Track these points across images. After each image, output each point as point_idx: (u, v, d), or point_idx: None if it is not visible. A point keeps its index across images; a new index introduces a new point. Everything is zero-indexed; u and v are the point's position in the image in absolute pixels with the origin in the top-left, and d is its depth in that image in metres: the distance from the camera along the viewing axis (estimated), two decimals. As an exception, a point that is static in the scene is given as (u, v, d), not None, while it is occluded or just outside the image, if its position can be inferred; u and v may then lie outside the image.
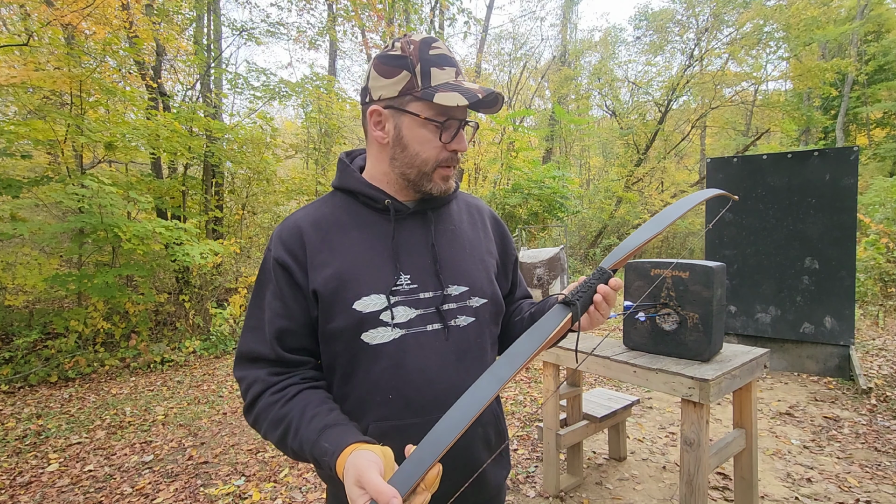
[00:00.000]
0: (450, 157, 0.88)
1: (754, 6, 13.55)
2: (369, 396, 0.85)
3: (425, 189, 0.90)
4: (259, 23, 11.21)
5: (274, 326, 0.86)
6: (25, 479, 2.89)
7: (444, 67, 0.84)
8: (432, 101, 0.81)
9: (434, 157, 0.87)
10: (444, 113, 0.84)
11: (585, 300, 0.79)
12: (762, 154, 4.72)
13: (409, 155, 0.87)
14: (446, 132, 0.86)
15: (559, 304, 0.79)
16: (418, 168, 0.88)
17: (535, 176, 9.35)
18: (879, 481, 2.63)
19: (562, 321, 0.75)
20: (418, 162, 0.87)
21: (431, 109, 0.84)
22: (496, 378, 0.66)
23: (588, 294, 0.79)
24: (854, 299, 4.23)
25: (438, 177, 0.89)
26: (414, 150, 0.86)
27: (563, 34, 18.27)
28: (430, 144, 0.86)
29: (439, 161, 0.87)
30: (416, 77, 0.83)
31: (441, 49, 0.86)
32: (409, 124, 0.85)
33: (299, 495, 2.67)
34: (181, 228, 5.51)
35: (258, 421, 0.84)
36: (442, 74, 0.84)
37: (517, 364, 0.68)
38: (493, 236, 1.05)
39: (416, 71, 0.83)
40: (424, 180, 0.89)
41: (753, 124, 17.66)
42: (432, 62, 0.84)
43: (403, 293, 0.86)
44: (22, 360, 4.84)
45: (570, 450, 2.68)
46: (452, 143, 0.87)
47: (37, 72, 5.02)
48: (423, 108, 0.84)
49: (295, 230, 0.89)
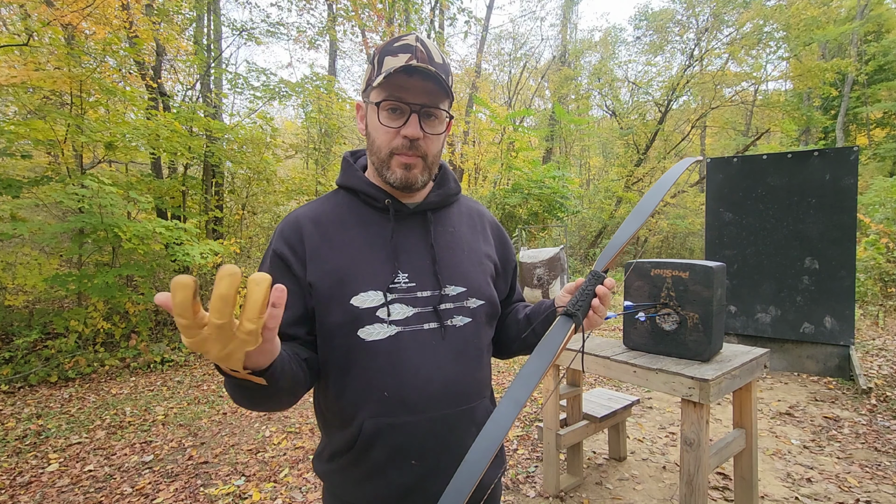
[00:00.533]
0: (402, 145, 0.86)
1: (754, 6, 13.55)
2: (365, 392, 0.85)
3: (387, 178, 0.89)
4: (259, 23, 11.21)
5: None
6: (25, 479, 2.89)
7: (397, 54, 0.84)
8: (374, 84, 0.84)
9: (386, 142, 0.87)
10: (389, 93, 0.84)
11: (585, 308, 0.81)
12: (762, 154, 4.72)
13: (371, 143, 0.90)
14: (393, 116, 0.85)
15: (561, 316, 0.80)
16: (376, 155, 0.89)
17: (535, 176, 9.36)
18: (879, 481, 2.63)
19: (567, 334, 0.77)
20: (375, 149, 0.89)
21: (381, 93, 0.85)
22: (514, 402, 0.68)
23: (587, 302, 0.81)
24: (854, 299, 4.23)
25: (396, 164, 0.88)
26: (373, 137, 0.89)
27: (563, 34, 18.28)
28: (382, 130, 0.87)
29: (392, 147, 0.87)
30: (374, 67, 0.87)
31: (407, 41, 0.85)
32: (369, 113, 0.89)
33: (299, 495, 2.67)
34: (181, 228, 5.51)
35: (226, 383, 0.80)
36: (394, 60, 0.84)
37: (532, 384, 0.70)
38: (493, 241, 1.06)
39: (375, 62, 0.87)
40: (384, 168, 0.89)
41: (753, 124, 17.67)
42: (389, 52, 0.85)
43: (401, 291, 0.87)
44: (22, 360, 4.84)
45: (570, 450, 2.68)
46: (404, 129, 0.85)
47: (37, 72, 5.02)
48: (376, 95, 0.86)
49: (295, 225, 0.91)
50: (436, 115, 0.88)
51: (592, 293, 0.82)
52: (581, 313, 0.79)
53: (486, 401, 0.94)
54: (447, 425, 0.86)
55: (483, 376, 0.94)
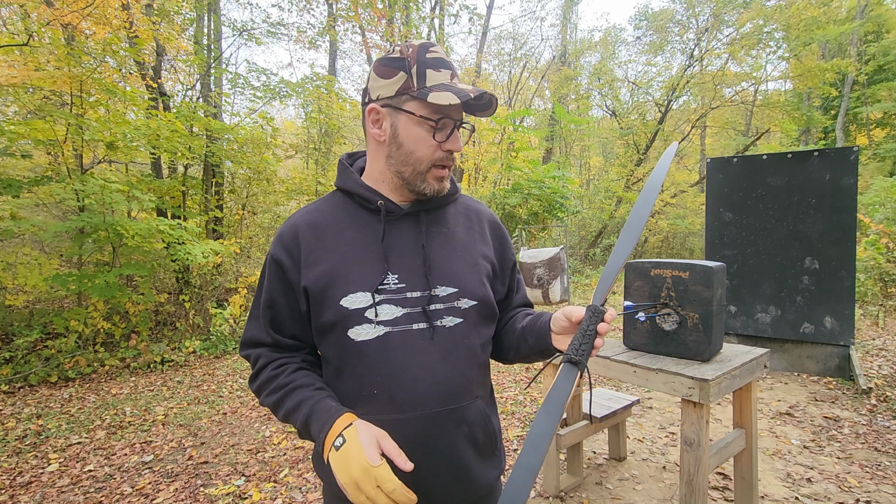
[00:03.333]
0: (444, 157, 0.90)
1: (754, 6, 13.55)
2: (356, 391, 0.88)
3: (419, 189, 0.92)
4: (259, 23, 11.21)
5: (266, 316, 0.94)
6: (25, 479, 2.90)
7: (439, 69, 0.87)
8: (426, 100, 0.84)
9: (429, 155, 0.89)
10: (438, 112, 0.86)
11: (588, 350, 0.77)
12: (762, 154, 4.72)
13: (405, 153, 0.90)
14: (440, 132, 0.88)
15: (565, 364, 0.78)
16: (413, 166, 0.90)
17: (535, 176, 9.35)
18: (879, 481, 2.63)
19: (573, 384, 0.75)
20: (413, 160, 0.90)
21: (426, 108, 0.86)
22: (529, 470, 0.69)
23: (589, 343, 0.77)
24: (854, 299, 4.23)
25: (432, 177, 0.91)
26: (409, 148, 0.89)
27: (563, 34, 18.27)
28: (425, 143, 0.88)
29: (433, 160, 0.89)
30: (412, 78, 0.86)
31: (438, 53, 0.88)
32: (404, 122, 0.88)
33: (299, 495, 2.67)
34: (183, 228, 5.52)
35: (261, 388, 0.93)
36: (437, 76, 0.86)
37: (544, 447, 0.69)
38: (491, 240, 1.06)
39: (413, 72, 0.86)
40: (419, 179, 0.91)
41: (753, 124, 17.67)
42: (429, 64, 0.86)
43: (389, 292, 0.88)
44: (22, 360, 4.84)
45: (570, 450, 2.68)
46: (447, 143, 0.89)
47: (37, 72, 5.02)
48: (418, 107, 0.87)
49: (293, 230, 0.94)
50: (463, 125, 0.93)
51: (594, 333, 0.77)
52: (585, 358, 0.76)
53: (478, 401, 0.94)
54: (436, 424, 0.87)
55: (475, 376, 0.93)
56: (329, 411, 0.82)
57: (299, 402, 0.86)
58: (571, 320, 0.82)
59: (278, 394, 0.89)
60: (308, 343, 0.97)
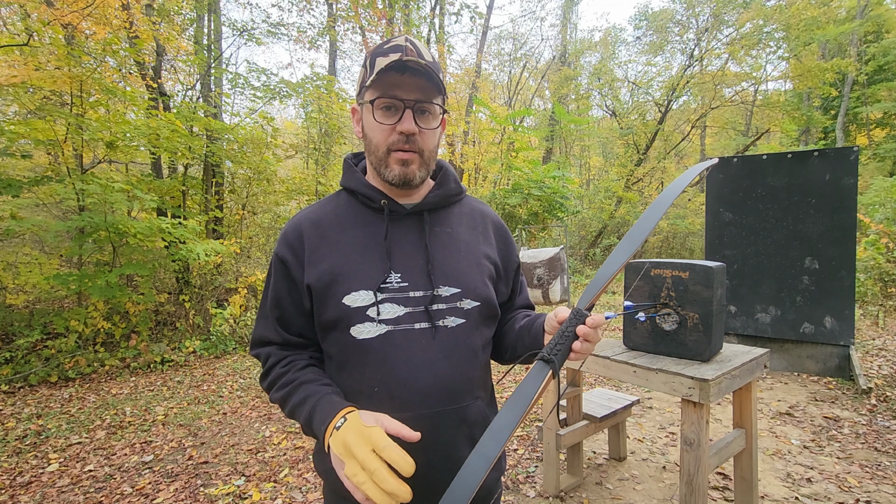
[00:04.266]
0: (398, 140, 0.88)
1: (754, 6, 13.55)
2: (358, 389, 0.88)
3: (385, 176, 0.91)
4: (259, 23, 11.21)
5: (274, 315, 0.95)
6: (25, 479, 2.90)
7: (388, 55, 0.86)
8: (368, 84, 0.86)
9: (383, 140, 0.89)
10: (382, 91, 0.86)
11: (564, 352, 0.75)
12: (762, 154, 4.72)
13: (368, 143, 0.92)
14: (387, 114, 0.87)
15: (538, 361, 0.75)
16: (374, 154, 0.91)
17: (535, 176, 9.35)
18: (879, 481, 2.63)
19: (542, 383, 0.72)
20: (373, 147, 0.91)
21: (374, 93, 0.87)
22: (484, 458, 0.66)
23: (567, 344, 0.75)
24: (854, 299, 4.23)
25: (394, 161, 0.90)
26: (369, 137, 0.91)
27: (563, 34, 18.27)
28: (378, 128, 0.89)
29: (388, 144, 0.89)
30: (367, 69, 0.90)
31: (397, 42, 0.88)
32: (365, 114, 0.91)
33: (299, 495, 2.67)
34: (183, 227, 5.52)
35: (271, 385, 0.93)
36: (384, 60, 0.86)
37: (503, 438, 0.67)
38: (495, 242, 1.05)
39: (367, 64, 0.90)
40: (382, 167, 0.91)
41: (753, 124, 17.67)
42: (379, 53, 0.88)
43: (392, 291, 0.88)
44: (22, 360, 4.84)
45: (570, 450, 2.68)
46: (398, 125, 0.87)
47: (37, 72, 5.02)
48: (370, 94, 0.88)
49: (297, 229, 0.95)
50: (429, 111, 0.89)
51: (573, 335, 0.75)
52: (558, 359, 0.74)
53: (479, 402, 0.94)
54: (437, 424, 0.87)
55: (476, 377, 0.93)
56: (332, 405, 0.82)
57: (305, 396, 0.86)
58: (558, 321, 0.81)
59: (285, 389, 0.89)
60: (315, 340, 0.97)
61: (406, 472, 0.69)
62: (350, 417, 0.77)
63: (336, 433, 0.76)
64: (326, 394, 0.85)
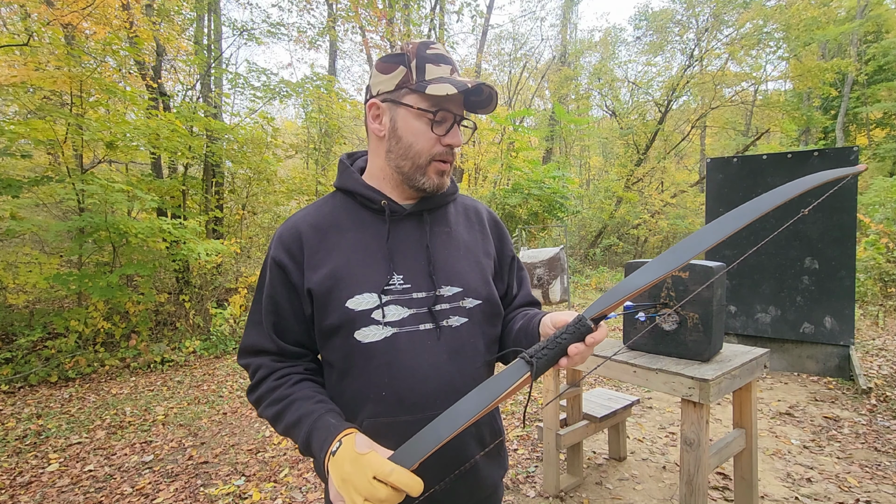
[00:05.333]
0: (444, 152, 0.89)
1: (754, 6, 13.55)
2: (363, 393, 0.87)
3: (419, 184, 0.90)
4: (259, 23, 11.22)
5: (269, 321, 0.91)
6: (25, 479, 2.89)
7: (439, 64, 0.87)
8: (425, 92, 0.84)
9: (427, 149, 0.88)
10: (437, 104, 0.86)
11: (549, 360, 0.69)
12: (762, 154, 4.72)
13: (404, 146, 0.89)
14: (439, 125, 0.87)
15: (520, 358, 0.71)
16: (412, 160, 0.89)
17: (535, 176, 9.35)
18: (879, 481, 2.63)
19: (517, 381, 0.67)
20: (412, 153, 0.89)
21: (424, 101, 0.86)
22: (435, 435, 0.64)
23: (554, 352, 0.69)
24: (854, 299, 4.23)
25: (433, 171, 0.90)
26: (408, 141, 0.88)
27: (563, 34, 18.27)
28: (424, 136, 0.87)
29: (433, 154, 0.89)
30: (411, 71, 0.86)
31: (438, 50, 0.88)
32: (403, 116, 0.88)
33: (299, 495, 2.67)
34: (183, 227, 5.52)
35: (260, 400, 0.89)
36: (437, 70, 0.86)
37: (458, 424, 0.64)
38: (492, 238, 1.06)
39: (412, 66, 0.86)
40: (418, 174, 0.90)
41: (753, 124, 17.67)
42: (428, 59, 0.86)
43: (396, 293, 0.87)
44: (22, 360, 4.84)
45: (570, 450, 2.68)
46: (446, 137, 0.88)
47: (37, 71, 5.02)
48: (417, 100, 0.86)
49: (294, 231, 0.92)
50: (465, 124, 0.91)
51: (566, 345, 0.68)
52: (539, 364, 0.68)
53: None
54: None
55: (482, 376, 0.93)
56: (329, 428, 0.78)
57: (300, 417, 0.83)
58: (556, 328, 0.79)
59: (278, 406, 0.86)
60: (312, 350, 0.95)
61: (416, 492, 0.65)
62: (345, 441, 0.73)
63: (332, 459, 0.73)
64: (322, 414, 0.81)
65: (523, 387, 0.70)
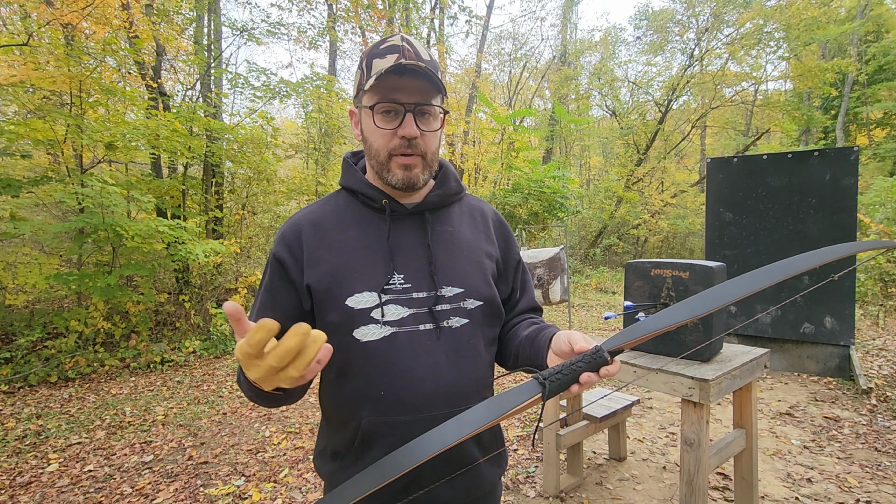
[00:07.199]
0: (400, 145, 0.86)
1: (754, 6, 13.55)
2: (363, 392, 0.86)
3: (387, 180, 0.90)
4: (259, 23, 11.21)
5: (260, 316, 0.89)
6: (25, 479, 2.89)
7: (385, 56, 0.85)
8: (366, 89, 0.84)
9: (384, 144, 0.87)
10: (382, 96, 0.84)
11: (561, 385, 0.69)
12: (762, 154, 4.72)
13: (368, 147, 0.91)
14: (386, 118, 0.86)
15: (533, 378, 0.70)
16: (375, 158, 0.89)
17: (536, 176, 9.36)
18: (879, 481, 2.62)
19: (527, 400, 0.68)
20: (373, 152, 0.89)
21: (373, 97, 0.85)
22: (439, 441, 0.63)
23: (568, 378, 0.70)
24: (854, 299, 4.24)
25: (395, 165, 0.88)
26: (369, 141, 0.90)
27: (563, 34, 18.28)
28: (378, 133, 0.87)
29: (390, 149, 0.87)
30: (363, 72, 0.88)
31: (393, 41, 0.86)
32: (364, 118, 0.89)
33: (299, 495, 2.67)
34: (182, 227, 5.52)
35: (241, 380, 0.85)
36: (381, 63, 0.84)
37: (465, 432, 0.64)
38: (496, 239, 1.05)
39: (363, 66, 0.88)
40: (384, 170, 0.89)
41: (753, 124, 17.67)
42: (376, 54, 0.86)
43: (396, 292, 0.87)
44: (22, 360, 4.84)
45: (570, 450, 2.68)
46: (400, 129, 0.86)
47: (37, 71, 5.02)
48: (368, 99, 0.86)
49: (295, 228, 0.92)
50: (430, 112, 0.87)
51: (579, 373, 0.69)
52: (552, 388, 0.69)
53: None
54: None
55: (481, 377, 0.92)
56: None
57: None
58: (573, 348, 0.76)
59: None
60: None
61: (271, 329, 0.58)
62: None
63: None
64: None
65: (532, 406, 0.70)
